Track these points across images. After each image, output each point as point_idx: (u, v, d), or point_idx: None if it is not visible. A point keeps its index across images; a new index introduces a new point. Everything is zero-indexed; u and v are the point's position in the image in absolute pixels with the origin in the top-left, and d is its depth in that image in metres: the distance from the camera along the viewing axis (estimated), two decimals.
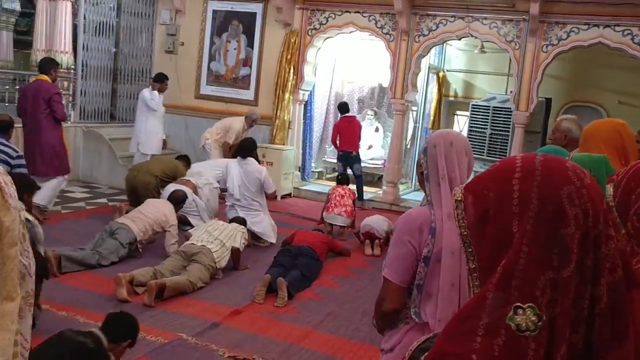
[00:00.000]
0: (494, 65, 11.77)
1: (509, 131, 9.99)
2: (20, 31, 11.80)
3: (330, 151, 10.95)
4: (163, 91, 8.62)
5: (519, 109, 8.64)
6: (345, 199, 7.30)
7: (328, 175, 11.24)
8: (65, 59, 8.57)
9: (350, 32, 9.60)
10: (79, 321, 4.08)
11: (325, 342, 4.28)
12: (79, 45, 9.24)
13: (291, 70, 9.61)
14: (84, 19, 9.28)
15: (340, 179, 7.86)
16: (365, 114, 11.85)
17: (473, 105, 10.97)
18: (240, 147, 6.93)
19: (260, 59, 9.96)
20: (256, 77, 10.01)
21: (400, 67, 9.14)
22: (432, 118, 11.68)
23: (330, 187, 7.75)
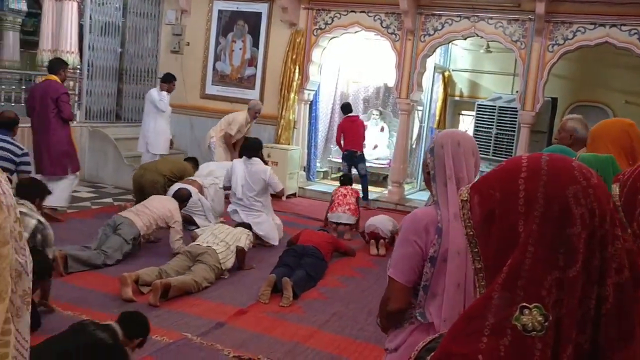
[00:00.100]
0: (500, 65, 11.73)
1: (514, 131, 9.97)
2: (26, 31, 11.84)
3: (335, 151, 10.95)
4: (171, 91, 8.63)
5: (525, 109, 8.62)
6: (348, 197, 7.32)
7: (333, 175, 11.24)
8: (71, 59, 8.59)
9: (356, 32, 9.60)
10: None
11: (330, 342, 4.28)
12: (84, 45, 9.27)
13: (296, 70, 9.61)
14: (89, 19, 9.32)
15: (343, 179, 7.88)
16: (370, 114, 11.84)
17: (479, 105, 10.95)
18: (246, 147, 6.93)
19: (266, 59, 9.96)
20: (261, 77, 10.02)
21: (406, 67, 9.13)
22: (438, 118, 11.65)
23: (334, 188, 7.77)
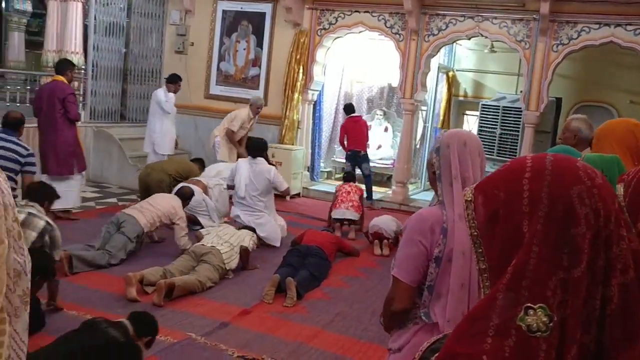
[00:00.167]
0: (504, 65, 11.71)
1: (519, 131, 9.95)
2: (31, 32, 11.89)
3: (339, 151, 10.94)
4: (176, 92, 8.64)
5: (529, 109, 8.60)
6: (351, 194, 7.34)
7: (337, 175, 11.23)
8: (75, 59, 8.60)
9: (360, 32, 9.59)
10: None
11: (334, 342, 4.28)
12: (89, 45, 9.29)
13: (300, 70, 9.61)
14: (94, 19, 9.33)
15: (346, 176, 7.90)
16: (374, 114, 11.82)
17: (483, 105, 10.93)
18: (251, 147, 6.92)
19: (270, 59, 9.97)
20: (265, 77, 10.03)
21: (410, 67, 9.12)
22: (442, 118, 11.64)
23: (337, 186, 7.77)
